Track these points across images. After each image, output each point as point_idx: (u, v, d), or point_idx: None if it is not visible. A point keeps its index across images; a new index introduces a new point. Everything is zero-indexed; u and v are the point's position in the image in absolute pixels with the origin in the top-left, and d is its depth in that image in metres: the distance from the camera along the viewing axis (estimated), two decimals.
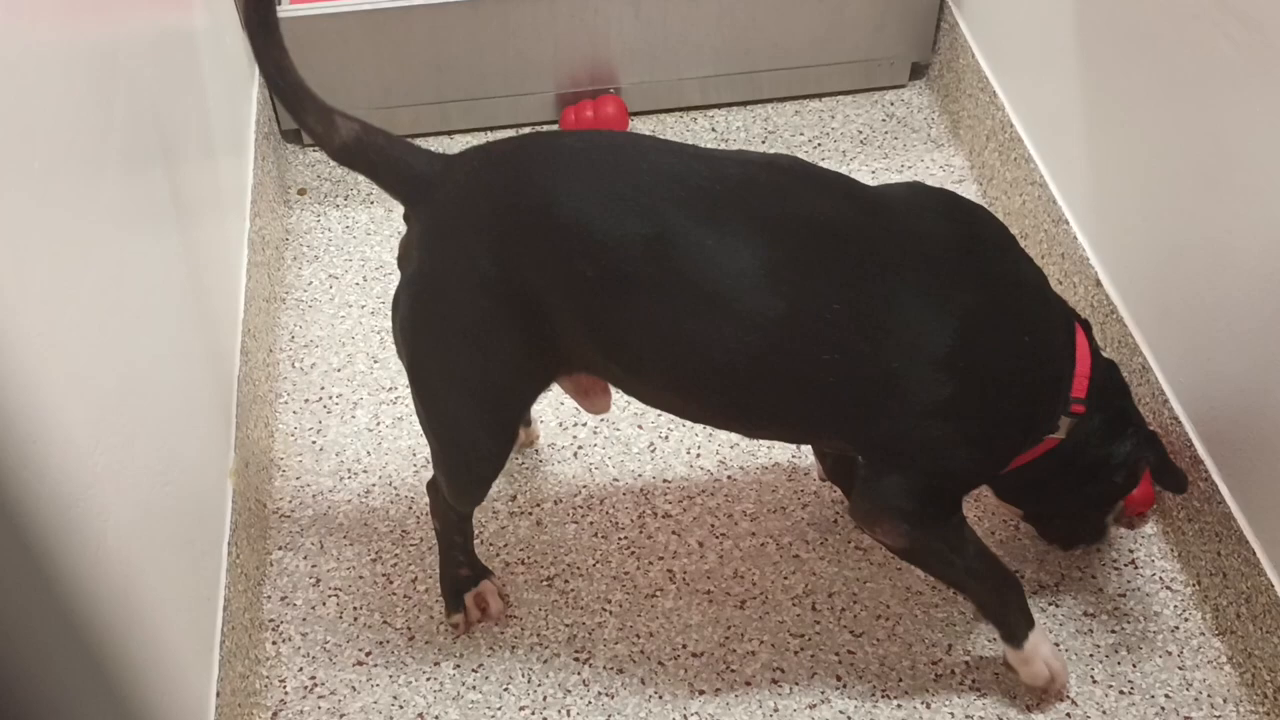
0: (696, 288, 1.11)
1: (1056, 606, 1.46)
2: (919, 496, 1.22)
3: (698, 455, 1.61)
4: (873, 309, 1.14)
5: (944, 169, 2.02)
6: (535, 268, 1.15)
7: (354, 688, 1.40)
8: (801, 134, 2.09)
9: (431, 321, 1.20)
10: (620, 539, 1.53)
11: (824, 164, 2.04)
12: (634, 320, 1.14)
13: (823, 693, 1.39)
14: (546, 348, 1.19)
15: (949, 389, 1.16)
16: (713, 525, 1.54)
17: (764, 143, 2.07)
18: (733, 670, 1.41)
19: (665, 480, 1.59)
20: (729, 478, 1.59)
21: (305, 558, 1.52)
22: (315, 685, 1.40)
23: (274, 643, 1.44)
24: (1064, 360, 1.24)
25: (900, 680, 1.40)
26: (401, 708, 1.38)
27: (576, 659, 1.42)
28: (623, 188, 1.13)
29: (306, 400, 1.70)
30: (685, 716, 1.37)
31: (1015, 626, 1.31)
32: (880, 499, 1.22)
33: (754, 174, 1.17)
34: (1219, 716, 1.36)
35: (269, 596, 1.48)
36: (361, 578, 1.50)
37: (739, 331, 1.12)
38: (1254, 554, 1.34)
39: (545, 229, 1.14)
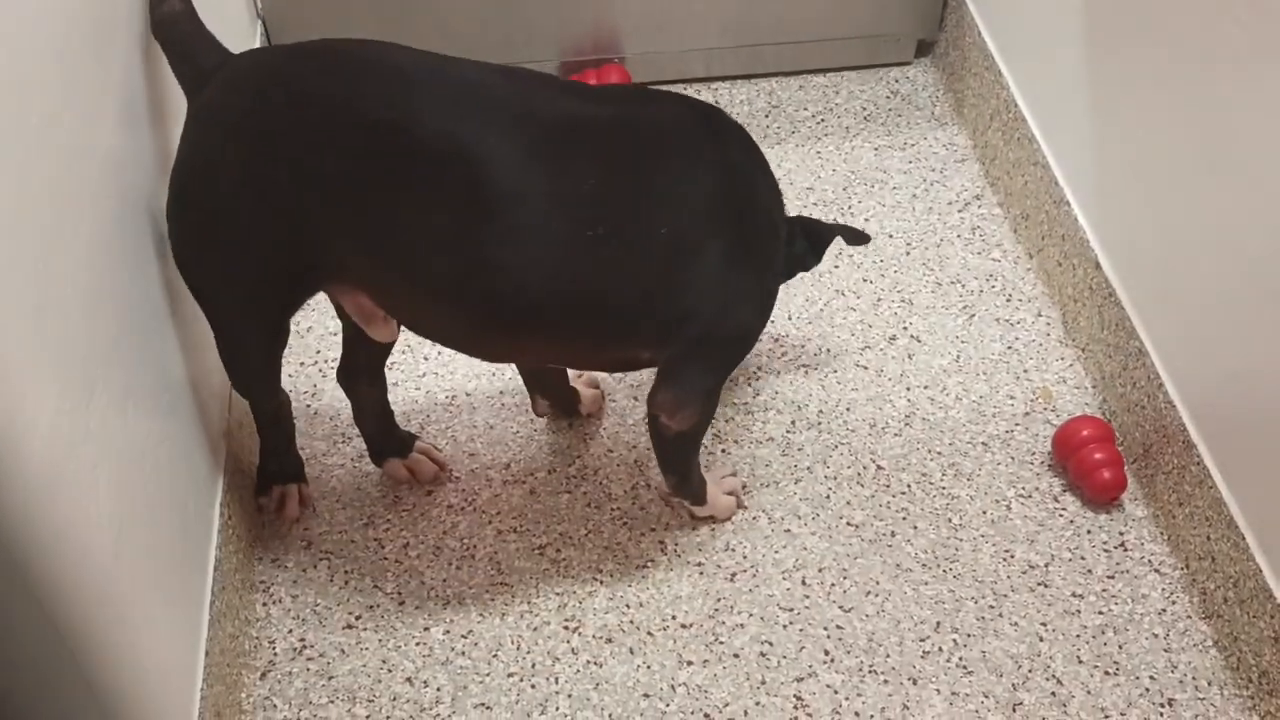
0: (471, 190, 1.12)
1: (1045, 586, 1.46)
2: (718, 374, 1.32)
3: None
4: (634, 187, 1.19)
5: (947, 147, 2.01)
6: (288, 165, 1.14)
7: (343, 650, 1.40)
8: (805, 109, 2.08)
9: (184, 213, 1.21)
10: (613, 509, 1.54)
11: (826, 140, 2.06)
12: (410, 224, 1.14)
13: (810, 667, 1.39)
14: (300, 251, 1.19)
15: (721, 241, 1.22)
16: None
17: (767, 116, 2.06)
18: (721, 642, 1.41)
19: None
20: (723, 451, 1.59)
21: (297, 520, 1.52)
22: (304, 647, 1.41)
23: (264, 604, 1.45)
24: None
25: (888, 656, 1.40)
26: (390, 671, 1.39)
27: (566, 627, 1.43)
28: (381, 91, 1.13)
29: (302, 363, 1.70)
30: (673, 687, 1.37)
31: (699, 491, 1.48)
32: (687, 384, 1.29)
33: (496, 80, 1.18)
34: (1203, 699, 1.37)
35: (260, 558, 1.49)
36: (353, 541, 1.50)
37: (512, 232, 1.14)
38: (1243, 539, 1.35)
39: (301, 126, 1.14)
